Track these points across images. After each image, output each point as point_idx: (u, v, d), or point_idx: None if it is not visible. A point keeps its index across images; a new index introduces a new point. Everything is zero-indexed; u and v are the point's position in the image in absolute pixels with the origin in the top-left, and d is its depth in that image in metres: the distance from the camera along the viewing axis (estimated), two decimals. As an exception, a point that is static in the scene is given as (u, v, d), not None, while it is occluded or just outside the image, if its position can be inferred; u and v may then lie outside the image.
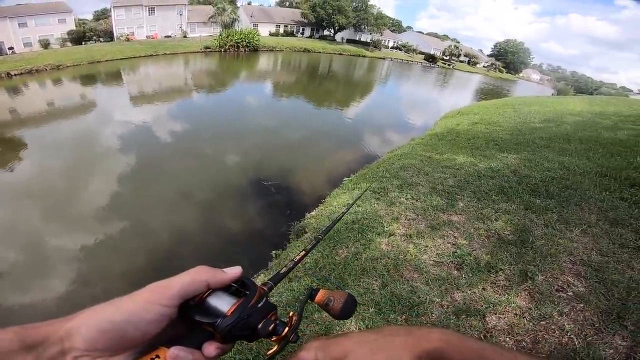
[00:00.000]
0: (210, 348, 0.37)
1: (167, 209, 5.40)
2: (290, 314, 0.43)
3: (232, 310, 0.38)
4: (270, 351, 0.41)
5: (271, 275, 0.51)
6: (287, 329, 0.41)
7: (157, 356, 0.35)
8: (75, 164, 7.06)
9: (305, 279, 2.62)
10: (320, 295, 0.46)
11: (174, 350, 0.35)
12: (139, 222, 5.06)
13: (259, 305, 0.40)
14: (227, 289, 0.41)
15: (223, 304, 0.39)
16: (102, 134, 9.08)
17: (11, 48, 26.14)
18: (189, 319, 0.38)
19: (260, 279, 2.89)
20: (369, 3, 44.97)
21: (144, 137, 8.93)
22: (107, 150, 7.85)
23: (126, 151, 7.74)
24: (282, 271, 0.53)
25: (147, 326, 0.36)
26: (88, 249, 4.43)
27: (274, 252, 3.36)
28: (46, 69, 18.93)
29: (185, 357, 0.36)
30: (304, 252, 0.62)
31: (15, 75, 17.42)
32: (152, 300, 0.37)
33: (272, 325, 0.40)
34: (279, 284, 0.49)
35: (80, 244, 4.49)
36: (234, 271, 0.42)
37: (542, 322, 1.97)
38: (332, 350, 0.38)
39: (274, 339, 0.41)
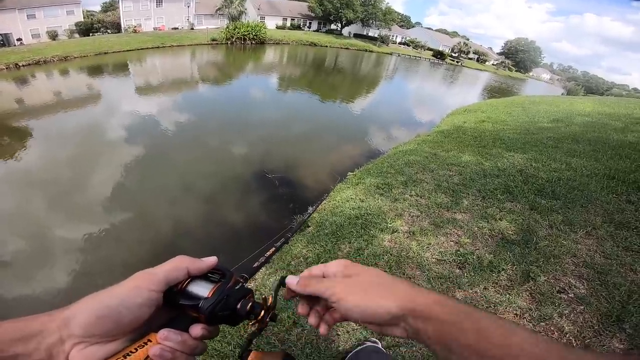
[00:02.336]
0: (197, 328, 0.41)
1: (170, 199, 5.45)
2: (269, 299, 0.47)
3: (212, 292, 0.42)
4: (253, 329, 0.45)
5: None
6: (264, 309, 0.45)
7: (149, 340, 0.38)
8: (80, 153, 7.13)
9: (307, 273, 2.63)
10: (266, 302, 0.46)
11: (164, 332, 0.39)
12: (141, 213, 5.10)
13: (236, 288, 0.44)
14: (205, 277, 0.45)
15: (203, 289, 0.43)
16: (107, 124, 9.15)
17: (19, 39, 26.22)
18: (174, 306, 0.42)
19: (262, 272, 2.90)
20: (378, -2, 44.45)
21: (149, 128, 8.98)
22: (112, 140, 7.92)
23: (131, 142, 7.79)
24: (254, 265, 0.57)
25: (138, 310, 0.38)
26: (91, 237, 4.48)
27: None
28: (53, 60, 19.00)
29: (174, 337, 0.39)
30: (274, 249, 0.68)
31: (23, 66, 17.51)
32: (141, 286, 0.40)
33: (250, 305, 0.44)
34: (274, 278, 0.51)
35: (83, 232, 4.55)
36: (210, 260, 0.46)
37: (541, 323, 1.96)
38: (349, 269, 0.46)
39: (253, 322, 0.45)
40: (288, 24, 44.65)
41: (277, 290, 0.49)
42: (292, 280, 0.47)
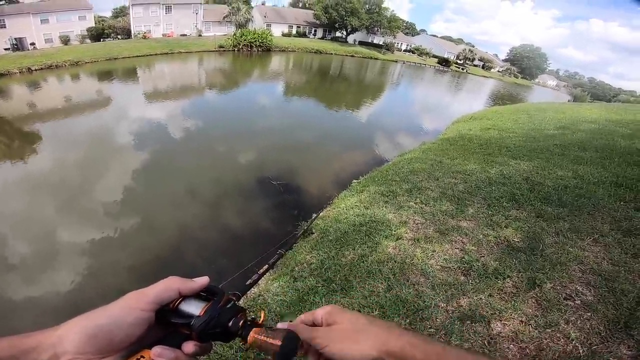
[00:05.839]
0: (189, 345, 0.42)
1: (176, 205, 5.49)
2: (262, 315, 0.48)
3: (203, 311, 0.43)
4: (245, 347, 0.45)
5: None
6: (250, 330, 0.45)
7: (142, 356, 0.39)
8: (89, 158, 7.25)
9: (310, 279, 2.64)
10: (251, 336, 0.44)
11: (157, 349, 0.40)
12: (146, 218, 5.15)
13: (228, 306, 0.45)
14: (197, 296, 0.46)
15: (195, 307, 0.44)
16: (116, 129, 9.30)
17: (33, 44, 26.81)
18: (167, 325, 0.43)
19: (265, 278, 2.92)
20: (383, 5, 44.77)
21: (156, 134, 9.10)
22: (120, 145, 8.03)
23: (138, 147, 7.90)
24: (247, 283, 0.59)
25: (130, 328, 0.40)
26: (97, 241, 4.54)
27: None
28: (65, 65, 19.43)
29: (167, 353, 0.40)
30: (267, 266, 0.69)
31: (35, 70, 17.92)
32: (132, 306, 0.41)
33: (241, 323, 0.45)
34: (277, 283, 0.52)
35: (90, 236, 4.60)
36: (202, 280, 0.47)
37: (547, 330, 1.95)
38: (332, 316, 0.48)
39: (243, 342, 0.45)
40: (294, 31, 45.14)
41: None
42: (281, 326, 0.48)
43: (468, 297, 2.29)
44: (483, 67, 62.04)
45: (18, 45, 25.59)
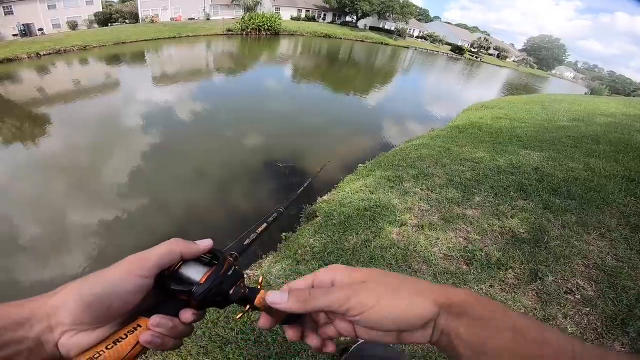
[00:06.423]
0: (187, 314, 0.40)
1: (182, 185, 5.55)
2: (260, 279, 0.46)
3: (205, 278, 0.41)
4: (239, 315, 0.44)
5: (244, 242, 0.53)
6: (257, 294, 0.43)
7: (139, 325, 0.38)
8: (98, 140, 7.32)
9: (313, 262, 2.66)
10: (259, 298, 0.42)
11: (155, 318, 0.38)
12: (152, 198, 5.23)
13: (229, 273, 0.43)
14: (198, 259, 0.44)
15: (195, 273, 0.42)
16: (124, 112, 9.35)
17: (40, 29, 26.71)
18: (165, 290, 0.41)
19: (268, 260, 2.95)
20: (395, -10, 43.53)
21: (164, 116, 9.13)
22: (128, 128, 8.09)
23: (146, 129, 7.95)
24: (245, 242, 0.56)
25: (128, 296, 0.37)
26: (106, 220, 4.63)
27: (283, 234, 3.41)
28: (73, 50, 19.37)
29: (165, 323, 0.38)
30: (265, 225, 0.66)
31: (44, 55, 17.93)
32: (131, 271, 0.38)
33: (242, 291, 0.43)
34: (280, 266, 0.50)
35: (99, 215, 4.69)
36: (205, 243, 0.45)
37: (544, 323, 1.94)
38: (354, 273, 0.39)
39: (245, 309, 0.43)
40: (303, 15, 44.26)
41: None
42: (277, 297, 0.39)
43: (469, 286, 2.29)
44: (498, 56, 60.26)
45: (26, 31, 25.47)
